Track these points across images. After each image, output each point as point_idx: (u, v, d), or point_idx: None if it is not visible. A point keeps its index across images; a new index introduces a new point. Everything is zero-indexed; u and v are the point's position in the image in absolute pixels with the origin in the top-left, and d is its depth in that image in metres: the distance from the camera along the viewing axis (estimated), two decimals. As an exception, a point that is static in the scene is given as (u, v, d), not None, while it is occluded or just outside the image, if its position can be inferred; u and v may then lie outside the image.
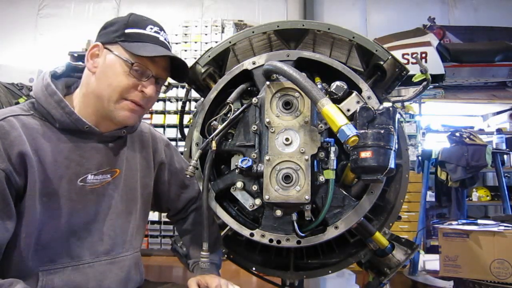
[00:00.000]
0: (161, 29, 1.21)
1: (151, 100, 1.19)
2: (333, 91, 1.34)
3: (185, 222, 1.49)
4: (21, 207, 1.03)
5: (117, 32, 1.15)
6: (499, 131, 5.02)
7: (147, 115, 4.66)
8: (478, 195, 4.95)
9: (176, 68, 1.24)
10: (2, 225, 1.00)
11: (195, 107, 1.63)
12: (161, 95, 4.66)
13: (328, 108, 1.17)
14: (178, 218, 1.51)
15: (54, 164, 1.09)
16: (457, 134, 4.02)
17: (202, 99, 1.54)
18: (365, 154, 1.22)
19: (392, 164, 1.23)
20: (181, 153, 1.51)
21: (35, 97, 1.13)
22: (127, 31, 1.14)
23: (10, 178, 1.00)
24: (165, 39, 1.20)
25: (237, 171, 1.37)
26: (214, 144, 1.36)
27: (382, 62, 1.44)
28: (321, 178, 1.34)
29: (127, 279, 1.23)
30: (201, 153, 1.37)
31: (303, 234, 1.35)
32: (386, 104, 1.38)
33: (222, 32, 4.98)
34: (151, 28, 1.18)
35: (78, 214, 1.13)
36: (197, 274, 1.32)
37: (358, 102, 1.33)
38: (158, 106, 4.75)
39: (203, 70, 1.53)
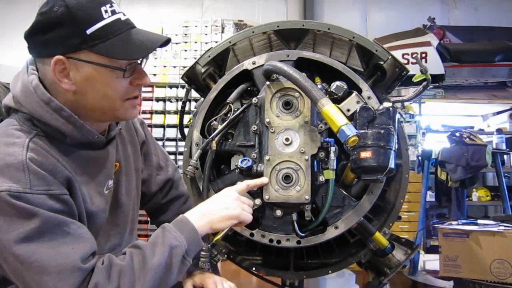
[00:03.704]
0: (111, 3, 1.02)
1: None
2: (333, 91, 1.33)
3: (165, 212, 1.44)
4: None
5: (77, 38, 0.96)
6: (499, 131, 5.02)
7: (147, 115, 4.67)
8: (478, 195, 4.95)
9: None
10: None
11: (195, 107, 1.62)
12: (161, 95, 4.71)
13: (328, 108, 1.17)
14: (155, 208, 1.46)
15: (88, 181, 1.05)
16: (457, 134, 4.02)
17: (202, 99, 1.54)
18: (365, 154, 1.22)
19: (392, 164, 1.23)
20: (181, 153, 1.51)
21: (35, 115, 0.99)
22: (88, 32, 0.96)
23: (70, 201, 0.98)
24: (123, 14, 1.04)
25: (237, 171, 1.37)
26: (214, 144, 1.36)
27: (382, 62, 1.44)
28: (321, 178, 1.33)
29: None
30: (201, 153, 1.37)
31: (303, 234, 1.35)
32: (386, 104, 1.38)
33: (222, 32, 4.98)
34: (106, 11, 0.99)
35: (103, 221, 1.12)
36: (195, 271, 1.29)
37: (358, 102, 1.32)
38: (158, 106, 4.75)
39: (203, 70, 1.53)
